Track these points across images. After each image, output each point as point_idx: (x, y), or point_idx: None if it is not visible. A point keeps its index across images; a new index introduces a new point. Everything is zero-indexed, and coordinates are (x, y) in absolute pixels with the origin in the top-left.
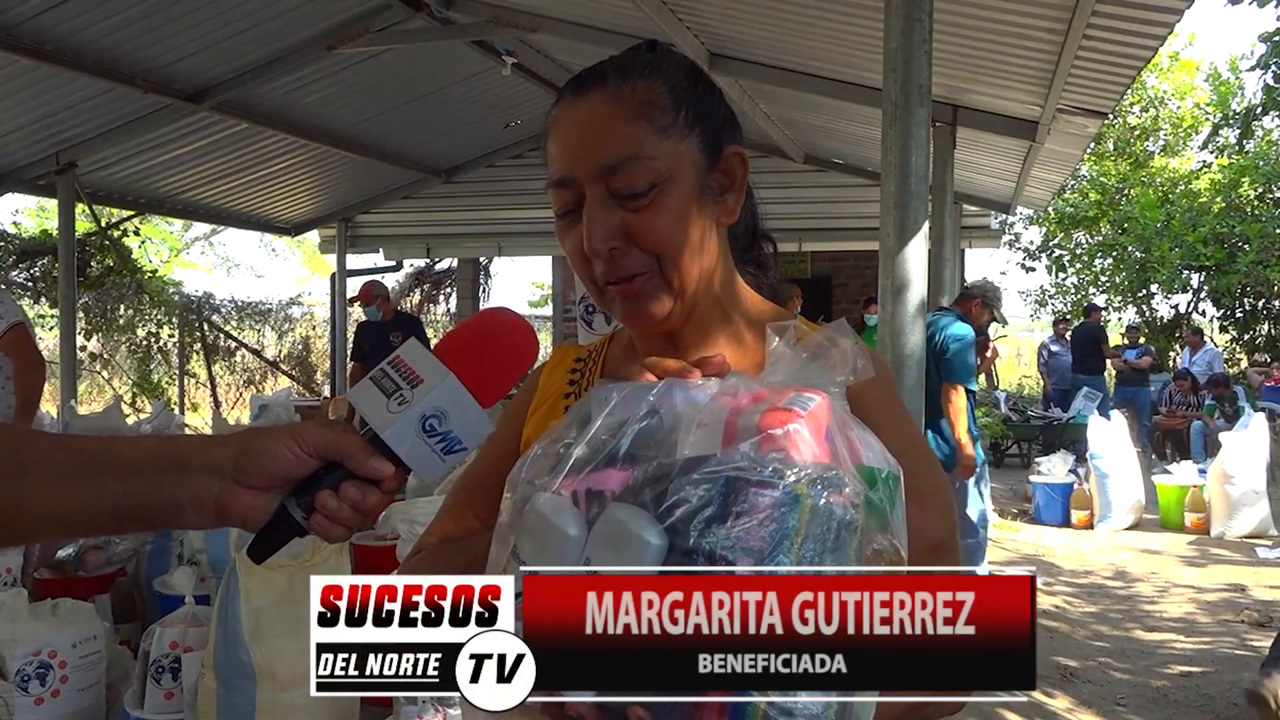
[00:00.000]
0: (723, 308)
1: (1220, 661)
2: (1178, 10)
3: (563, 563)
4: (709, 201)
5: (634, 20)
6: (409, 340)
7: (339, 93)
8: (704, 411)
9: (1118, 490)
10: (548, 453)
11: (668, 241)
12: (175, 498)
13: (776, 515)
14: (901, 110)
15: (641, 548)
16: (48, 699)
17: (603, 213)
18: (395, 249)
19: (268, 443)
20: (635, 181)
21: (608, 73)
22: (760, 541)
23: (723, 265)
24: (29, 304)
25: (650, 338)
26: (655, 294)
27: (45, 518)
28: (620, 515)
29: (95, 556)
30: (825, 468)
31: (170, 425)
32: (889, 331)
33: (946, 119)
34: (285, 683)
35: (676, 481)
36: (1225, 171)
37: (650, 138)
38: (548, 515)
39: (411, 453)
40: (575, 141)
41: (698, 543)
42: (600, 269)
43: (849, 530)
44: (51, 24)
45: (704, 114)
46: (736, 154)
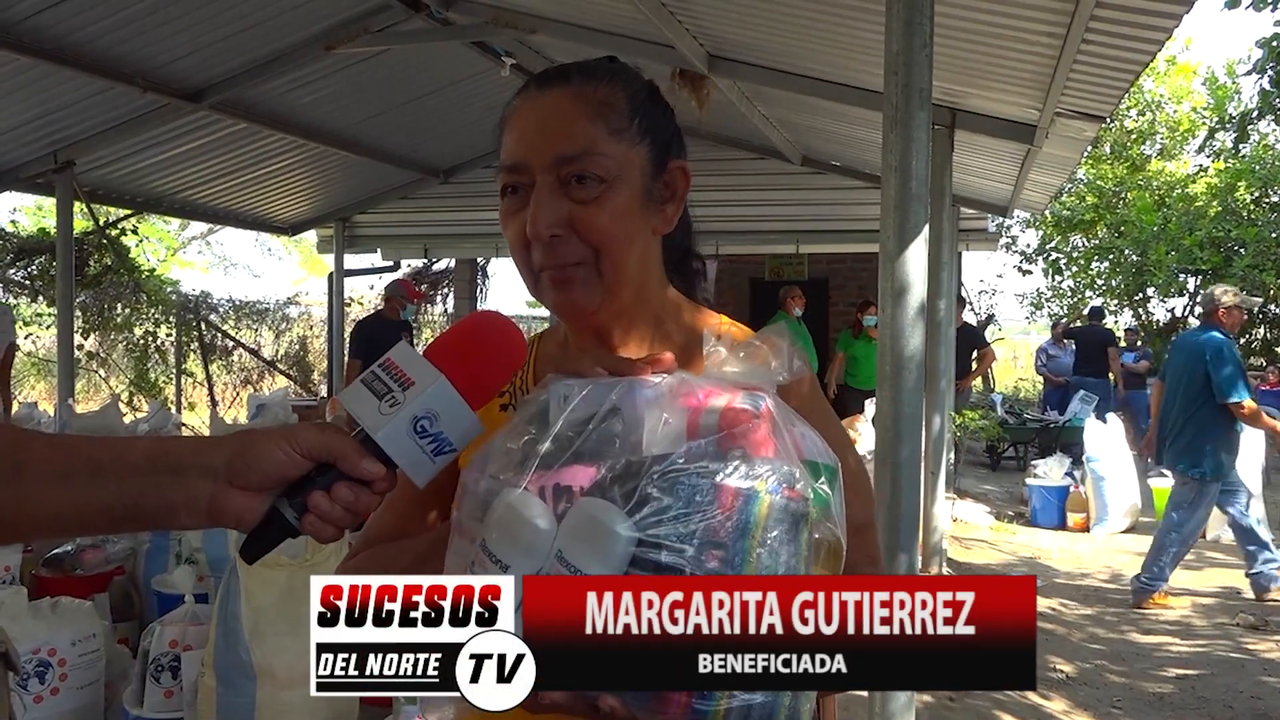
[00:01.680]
0: (652, 310)
1: (1216, 664)
2: (1176, 15)
3: (534, 556)
4: (650, 208)
5: (633, 22)
6: (399, 343)
7: (337, 93)
8: (667, 410)
9: (1114, 493)
10: (509, 448)
11: (608, 237)
12: (169, 499)
13: (739, 510)
14: (902, 114)
15: (612, 539)
16: (47, 697)
17: (551, 200)
18: (393, 249)
19: (261, 444)
20: (586, 175)
21: (572, 73)
22: (725, 535)
23: (655, 271)
24: (26, 302)
25: (583, 334)
26: (588, 285)
27: (40, 517)
28: (590, 509)
29: (93, 555)
30: (780, 464)
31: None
32: (889, 335)
33: (945, 122)
34: (285, 682)
35: (645, 478)
36: (1222, 176)
37: (605, 138)
38: (518, 509)
39: (403, 454)
40: (534, 130)
41: (666, 536)
42: (538, 255)
43: (802, 522)
44: (50, 22)
45: (655, 126)
46: (680, 168)
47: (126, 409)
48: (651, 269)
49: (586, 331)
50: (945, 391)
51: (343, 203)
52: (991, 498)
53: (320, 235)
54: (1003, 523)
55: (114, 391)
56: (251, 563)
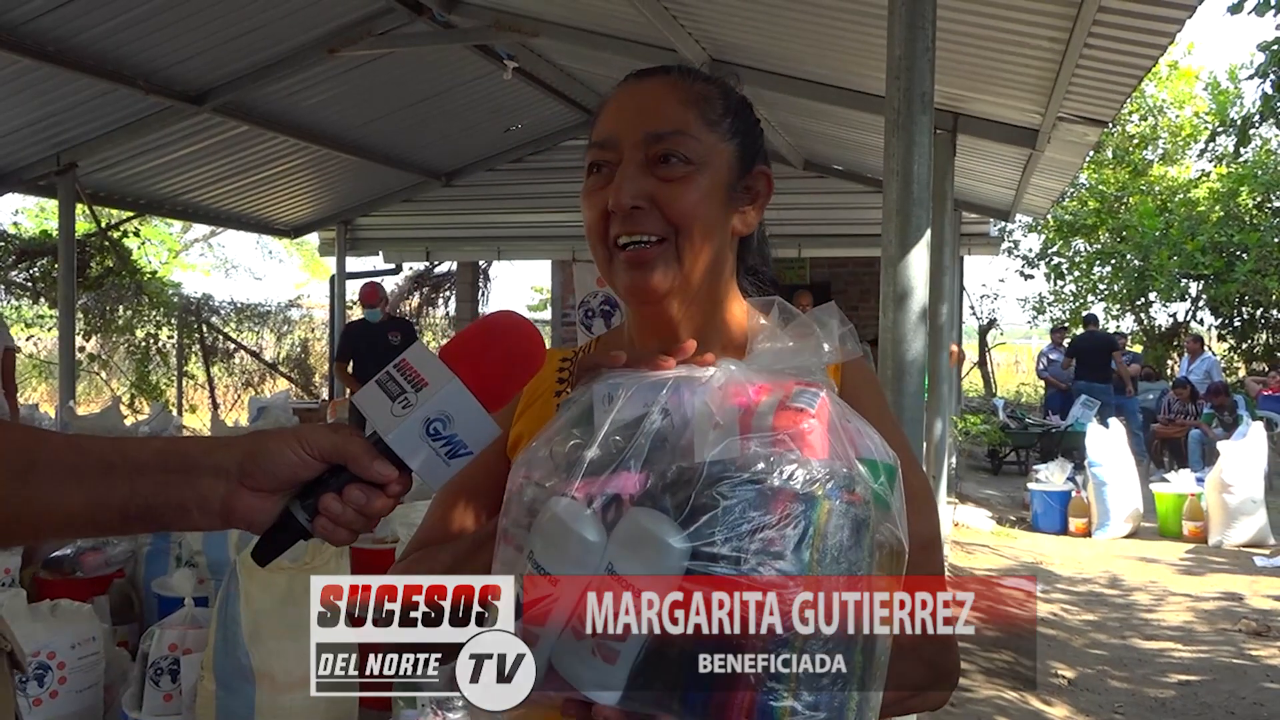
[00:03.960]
0: (722, 314)
1: (1218, 670)
2: (1179, 20)
3: (584, 568)
4: (732, 205)
5: (636, 25)
6: (414, 343)
7: (340, 96)
8: (717, 412)
9: (1116, 498)
10: (555, 453)
11: (690, 216)
12: (181, 499)
13: (797, 518)
14: (904, 118)
15: (666, 552)
16: (46, 700)
17: (637, 173)
18: (395, 252)
19: (273, 445)
20: (676, 153)
21: (673, 68)
22: (782, 544)
23: (729, 274)
24: (28, 304)
25: (648, 333)
26: (664, 265)
27: (54, 517)
28: (643, 520)
29: (93, 558)
30: (838, 468)
31: (168, 427)
32: (891, 339)
33: (947, 126)
34: (284, 685)
35: (698, 486)
36: (1224, 180)
37: (698, 123)
38: (566, 520)
39: (416, 456)
40: (629, 109)
41: (721, 547)
42: (617, 225)
43: (863, 526)
44: (54, 25)
45: (746, 130)
46: (764, 174)
47: (128, 411)
48: (726, 270)
49: (652, 326)
50: (947, 396)
51: (345, 205)
52: (993, 502)
53: (322, 238)
54: (1004, 527)
55: (115, 394)
56: (264, 565)
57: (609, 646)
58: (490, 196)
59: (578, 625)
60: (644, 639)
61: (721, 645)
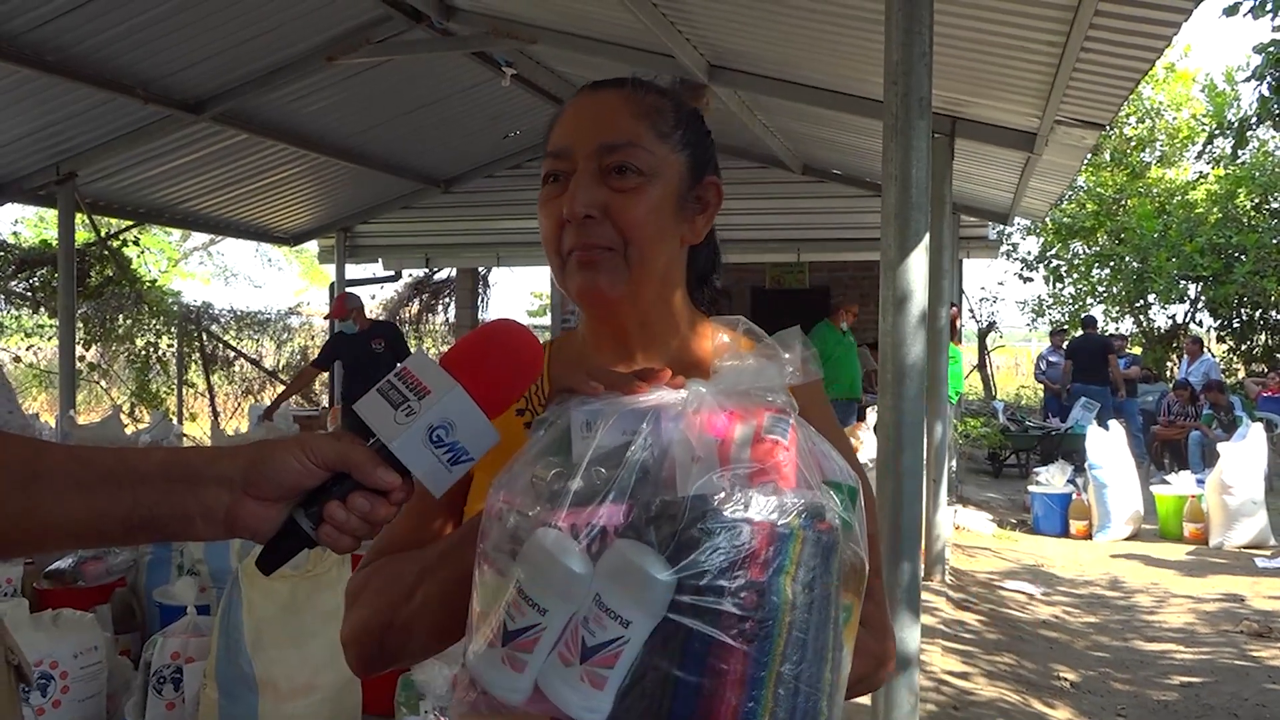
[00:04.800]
0: (674, 321)
1: (1220, 672)
2: (1175, 23)
3: (571, 600)
4: (682, 215)
5: (633, 32)
6: (415, 352)
7: (339, 103)
8: (695, 442)
9: (1116, 500)
10: (536, 481)
11: (640, 227)
12: (185, 509)
13: (776, 550)
14: (902, 122)
15: (652, 585)
16: (49, 709)
17: (590, 184)
18: (394, 259)
19: (277, 453)
20: (628, 164)
21: (627, 80)
22: (761, 574)
23: (679, 281)
24: (28, 314)
25: (602, 337)
26: (614, 271)
27: (57, 528)
28: (629, 553)
29: (94, 567)
30: (810, 497)
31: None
32: (890, 343)
33: (945, 130)
34: (287, 693)
35: (683, 521)
36: (1222, 182)
37: (650, 135)
38: (554, 553)
39: (419, 463)
40: (583, 120)
41: (705, 579)
42: (570, 236)
43: (832, 552)
44: (53, 35)
45: (697, 142)
46: (714, 184)
47: (128, 420)
48: (676, 278)
49: (607, 332)
50: (945, 399)
51: (344, 213)
52: (994, 505)
53: (321, 245)
54: (1005, 530)
55: (115, 402)
56: (269, 574)
57: (597, 673)
58: (489, 203)
59: (565, 653)
60: (631, 666)
61: (703, 671)
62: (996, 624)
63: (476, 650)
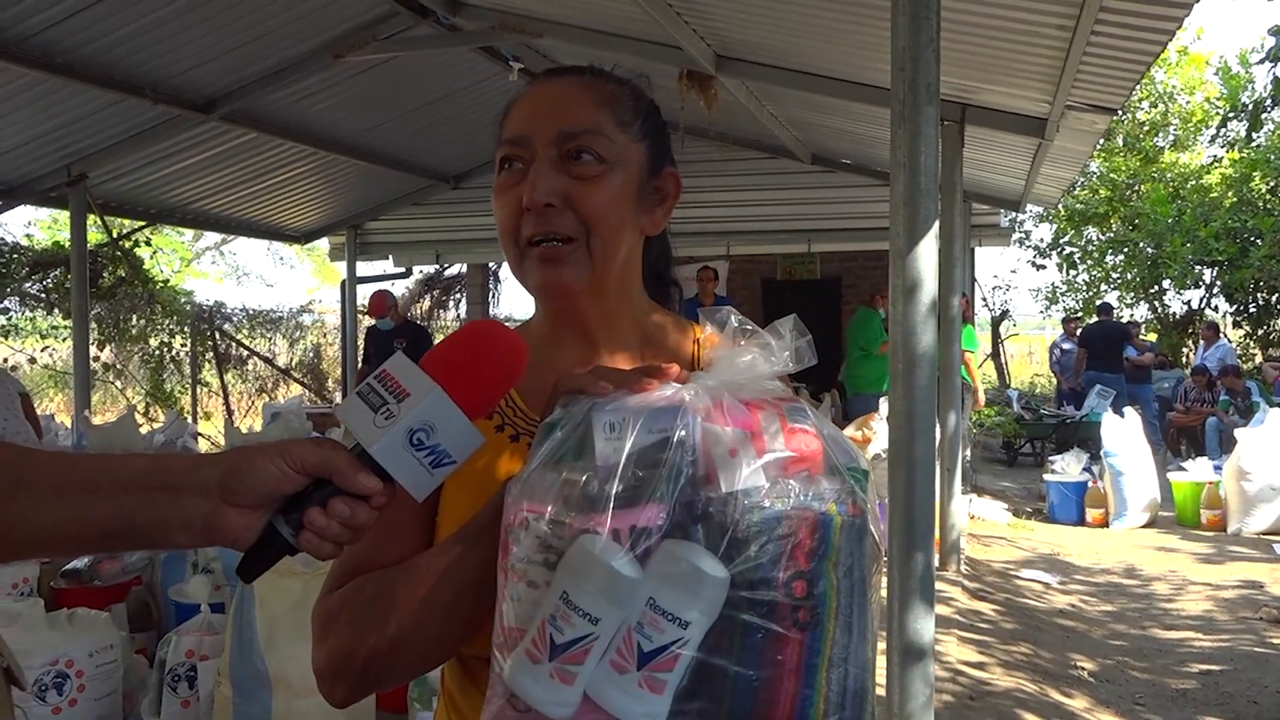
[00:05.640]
0: (634, 313)
1: (1240, 659)
2: (1186, 4)
3: (625, 606)
4: (642, 206)
5: (640, 24)
6: (395, 354)
7: (347, 101)
8: (726, 439)
9: (1133, 488)
10: (567, 484)
11: (602, 216)
12: (164, 517)
13: (821, 538)
14: (910, 109)
15: (708, 583)
16: (65, 708)
17: (550, 171)
18: (404, 256)
19: (255, 460)
20: (589, 150)
21: (585, 69)
22: (807, 562)
23: (638, 273)
24: (43, 315)
25: (562, 329)
26: (577, 264)
27: (35, 535)
28: (681, 553)
29: (110, 566)
30: (841, 482)
31: (183, 434)
32: (900, 332)
33: (955, 117)
34: (300, 690)
35: (730, 516)
36: (1236, 166)
37: (610, 124)
38: (605, 560)
39: (399, 467)
40: (542, 108)
41: (758, 572)
42: (529, 225)
43: (865, 535)
44: (62, 37)
45: (656, 132)
46: (673, 175)
47: (143, 420)
48: (635, 270)
49: (567, 326)
50: (959, 388)
51: (354, 210)
52: (1009, 494)
53: (332, 243)
54: (1021, 519)
55: (130, 403)
56: (249, 581)
57: (655, 678)
58: None
59: (619, 661)
60: (688, 666)
61: (761, 663)
62: (1012, 613)
63: (517, 666)
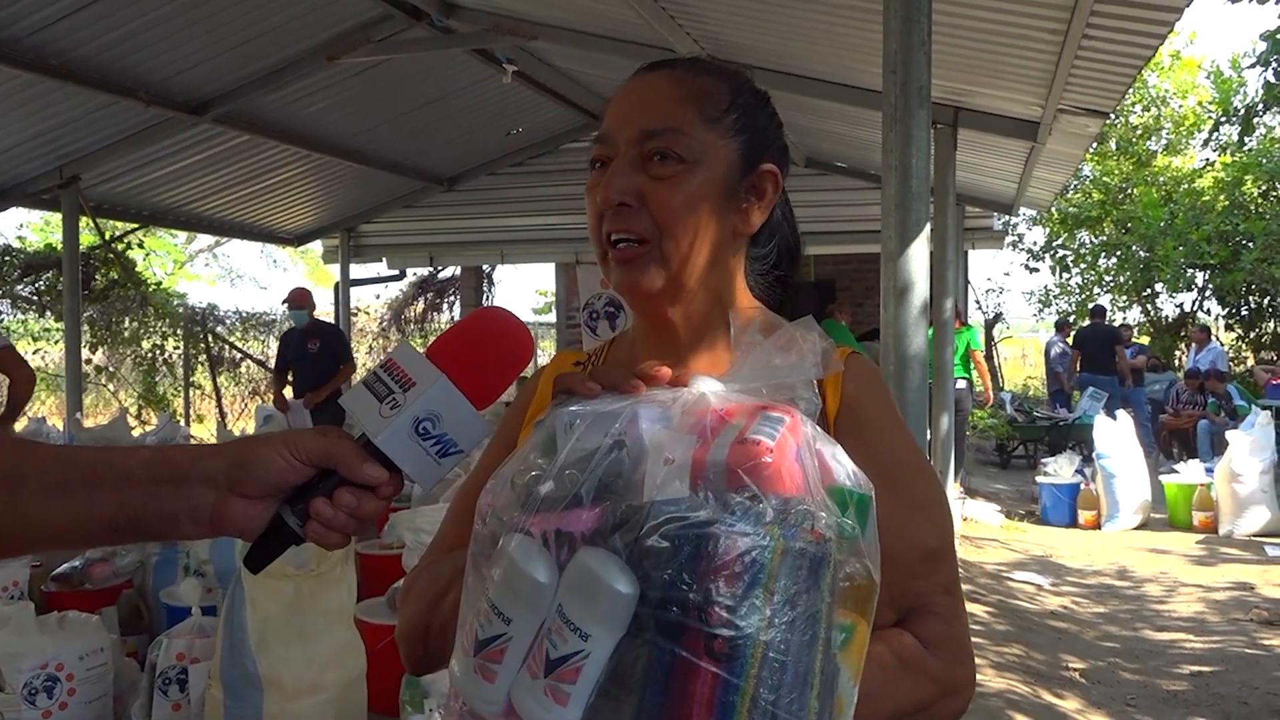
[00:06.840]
0: (725, 314)
1: (1231, 660)
2: (1177, 9)
3: (535, 610)
4: (731, 206)
5: (634, 26)
6: (401, 343)
7: (340, 103)
8: (670, 445)
9: (1125, 490)
10: (516, 482)
11: (675, 218)
12: (171, 509)
13: (749, 561)
14: (901, 112)
15: (613, 598)
16: (55, 711)
17: (628, 169)
18: (398, 258)
19: (261, 451)
20: (669, 151)
21: (679, 62)
22: (733, 587)
23: (733, 274)
24: (34, 317)
25: (650, 335)
26: (648, 266)
27: (41, 529)
28: (590, 563)
29: (101, 569)
30: (795, 503)
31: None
32: (892, 334)
33: (947, 121)
34: (292, 692)
35: (646, 527)
36: (1228, 169)
37: (695, 121)
38: (518, 560)
39: (406, 456)
40: (628, 105)
41: (669, 592)
42: (608, 224)
43: (822, 565)
44: (54, 39)
45: (754, 126)
46: (771, 172)
47: (135, 422)
48: (727, 270)
49: (655, 330)
50: (951, 390)
51: (347, 213)
52: (1002, 496)
53: (326, 245)
54: (1013, 521)
55: (123, 405)
56: (256, 572)
57: (559, 688)
58: (492, 200)
59: (533, 665)
60: (596, 682)
61: (668, 691)
62: (1005, 615)
63: (456, 658)
